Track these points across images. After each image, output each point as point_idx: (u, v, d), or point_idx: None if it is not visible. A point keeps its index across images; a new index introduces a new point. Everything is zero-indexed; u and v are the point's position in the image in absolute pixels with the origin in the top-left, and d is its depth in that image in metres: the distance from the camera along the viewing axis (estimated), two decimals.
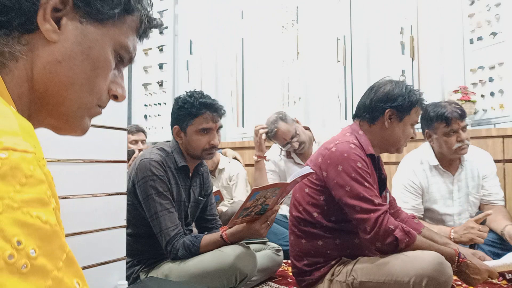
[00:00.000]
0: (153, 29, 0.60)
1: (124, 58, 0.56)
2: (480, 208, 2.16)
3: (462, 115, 1.96)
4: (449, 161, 2.10)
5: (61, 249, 0.35)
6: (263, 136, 2.53)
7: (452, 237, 1.86)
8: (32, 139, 0.38)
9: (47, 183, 0.36)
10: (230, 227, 1.55)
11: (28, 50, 0.48)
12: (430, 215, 2.14)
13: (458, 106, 2.00)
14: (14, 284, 0.30)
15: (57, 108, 0.51)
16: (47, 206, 0.35)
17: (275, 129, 2.49)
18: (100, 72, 0.53)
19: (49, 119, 0.53)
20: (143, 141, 3.14)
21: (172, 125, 1.70)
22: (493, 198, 2.12)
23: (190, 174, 1.73)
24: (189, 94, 1.66)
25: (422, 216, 2.11)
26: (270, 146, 2.82)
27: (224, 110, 1.70)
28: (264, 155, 2.57)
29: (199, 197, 1.79)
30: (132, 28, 0.56)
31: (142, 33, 0.59)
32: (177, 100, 1.68)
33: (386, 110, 1.49)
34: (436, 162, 2.09)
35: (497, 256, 1.79)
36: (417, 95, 1.50)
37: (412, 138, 1.55)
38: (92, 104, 0.54)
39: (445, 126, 1.96)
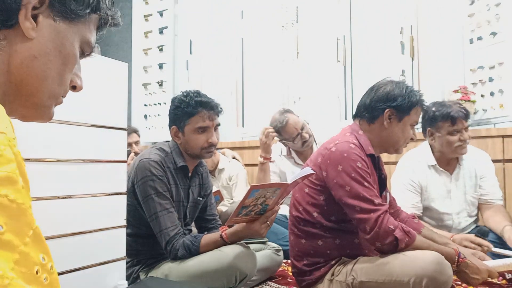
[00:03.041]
0: (112, 26, 0.65)
1: (85, 52, 0.60)
2: (479, 208, 2.17)
3: (467, 115, 2.02)
4: (447, 161, 2.11)
5: (28, 226, 0.37)
6: (271, 136, 2.50)
7: None
8: (3, 119, 0.41)
9: (16, 162, 0.38)
10: (228, 225, 1.55)
11: (6, 44, 0.51)
12: (429, 213, 2.15)
13: (463, 107, 2.04)
14: None
15: (30, 98, 0.55)
16: (16, 184, 0.37)
17: (286, 119, 2.48)
18: (69, 67, 0.57)
19: (20, 109, 0.55)
20: (136, 143, 3.12)
21: (169, 126, 1.70)
22: (491, 197, 2.12)
23: (190, 174, 1.73)
24: (184, 93, 1.66)
25: (421, 214, 2.12)
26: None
27: (221, 108, 1.70)
28: (270, 157, 2.57)
29: (198, 197, 1.79)
30: (95, 25, 0.61)
31: (100, 29, 0.64)
32: (173, 100, 1.68)
33: (386, 109, 1.49)
34: (434, 162, 2.11)
35: (496, 255, 1.79)
36: (417, 96, 1.51)
37: (412, 139, 1.55)
38: (59, 95, 0.58)
39: (450, 125, 1.99)
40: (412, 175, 2.11)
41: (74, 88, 0.61)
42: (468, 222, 2.15)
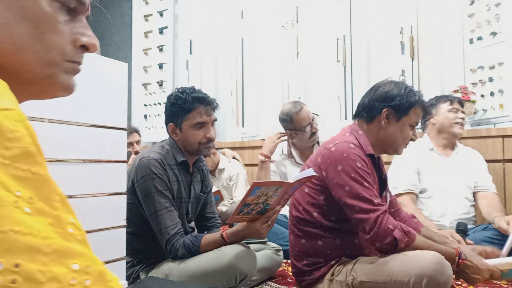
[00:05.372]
0: None
1: (69, 4, 0.53)
2: (475, 196, 2.28)
3: (462, 102, 2.36)
4: (444, 146, 2.33)
5: (54, 193, 0.39)
6: (282, 140, 2.58)
7: None
8: (9, 96, 0.40)
9: (30, 136, 0.39)
10: (229, 224, 1.55)
11: None
12: (426, 194, 2.27)
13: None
14: (25, 219, 0.35)
15: (22, 75, 0.51)
16: (34, 156, 0.38)
17: (301, 106, 2.52)
18: (45, 28, 0.51)
19: (24, 88, 0.52)
20: (138, 142, 3.13)
21: (166, 123, 1.71)
22: (485, 184, 2.26)
23: (191, 170, 1.74)
24: (180, 90, 1.67)
25: (418, 193, 2.27)
26: None
27: (216, 103, 1.71)
28: (270, 156, 2.57)
29: (200, 193, 1.79)
30: None
31: None
32: (169, 97, 1.69)
33: (384, 109, 1.49)
34: (432, 146, 2.32)
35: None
36: (416, 96, 1.50)
37: (412, 140, 1.55)
38: (57, 61, 0.53)
39: (449, 104, 2.30)
40: (410, 157, 2.25)
41: (86, 48, 0.55)
42: (465, 205, 2.24)
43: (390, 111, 1.49)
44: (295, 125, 2.53)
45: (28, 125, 0.39)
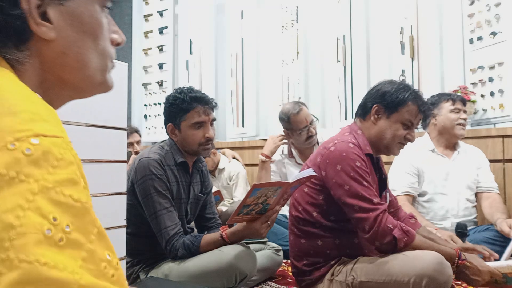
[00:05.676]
0: None
1: (107, 4, 0.55)
2: (477, 197, 2.26)
3: (464, 100, 2.30)
4: (445, 146, 2.28)
5: (92, 224, 0.38)
6: (283, 143, 2.57)
7: None
8: (57, 123, 0.40)
9: (76, 164, 0.39)
10: (229, 224, 1.55)
11: (30, 54, 0.47)
12: (427, 196, 2.24)
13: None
14: (53, 255, 0.33)
15: (82, 86, 0.53)
16: (78, 185, 0.38)
17: (300, 108, 2.49)
18: (100, 38, 0.52)
19: (76, 94, 0.54)
20: (138, 142, 3.13)
21: (165, 124, 1.71)
22: (488, 185, 2.23)
23: (190, 171, 1.74)
24: (178, 90, 1.67)
25: (416, 195, 2.24)
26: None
27: (215, 103, 1.71)
28: (270, 156, 2.56)
29: (200, 194, 1.79)
30: None
31: None
32: (167, 98, 1.69)
33: (374, 105, 1.50)
34: (432, 146, 2.27)
35: (497, 253, 1.80)
36: (407, 93, 1.48)
37: (409, 140, 1.52)
38: (108, 65, 0.55)
39: (452, 104, 2.24)
40: (410, 158, 2.23)
41: (118, 45, 0.57)
42: (467, 207, 2.21)
43: (379, 107, 1.50)
44: (292, 126, 2.51)
45: (75, 154, 0.39)
